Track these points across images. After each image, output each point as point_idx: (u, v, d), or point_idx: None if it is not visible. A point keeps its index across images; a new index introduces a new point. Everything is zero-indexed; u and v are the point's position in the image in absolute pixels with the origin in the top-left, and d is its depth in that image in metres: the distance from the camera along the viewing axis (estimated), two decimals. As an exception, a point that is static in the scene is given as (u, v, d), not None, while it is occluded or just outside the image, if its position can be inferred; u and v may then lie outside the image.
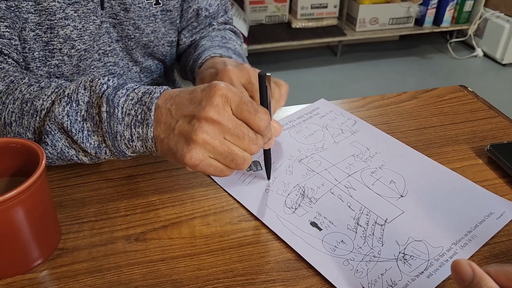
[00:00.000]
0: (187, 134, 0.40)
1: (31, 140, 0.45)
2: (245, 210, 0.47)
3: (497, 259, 0.42)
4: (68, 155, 0.46)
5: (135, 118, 0.42)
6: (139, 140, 0.43)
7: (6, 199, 0.35)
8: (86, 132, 0.44)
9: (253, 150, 0.42)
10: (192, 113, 0.40)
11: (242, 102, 0.41)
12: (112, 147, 0.44)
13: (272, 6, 2.46)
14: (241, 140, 0.41)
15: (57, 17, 0.57)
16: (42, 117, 0.45)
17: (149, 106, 0.42)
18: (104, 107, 0.42)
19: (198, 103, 0.40)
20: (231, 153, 0.41)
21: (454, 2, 2.62)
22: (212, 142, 0.40)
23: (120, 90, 0.44)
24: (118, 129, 0.43)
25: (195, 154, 0.40)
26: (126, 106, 0.43)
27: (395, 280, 0.39)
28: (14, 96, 0.47)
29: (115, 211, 0.47)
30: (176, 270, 0.41)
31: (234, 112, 0.41)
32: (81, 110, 0.44)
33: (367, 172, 0.52)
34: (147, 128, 0.42)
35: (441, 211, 0.47)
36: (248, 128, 0.41)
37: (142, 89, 0.44)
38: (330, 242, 0.43)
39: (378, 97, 0.69)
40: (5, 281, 0.40)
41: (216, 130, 0.40)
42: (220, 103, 0.40)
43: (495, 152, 0.54)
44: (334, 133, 0.59)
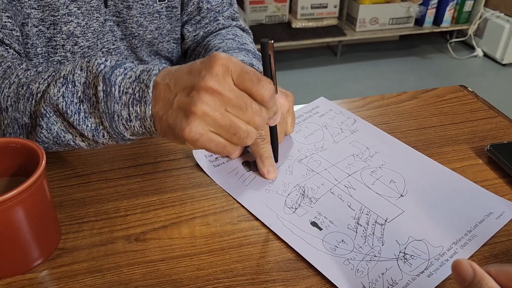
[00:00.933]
0: (186, 106, 0.37)
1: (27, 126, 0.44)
2: (245, 210, 0.47)
3: (497, 259, 0.42)
4: (65, 140, 0.44)
5: (132, 97, 0.40)
6: (137, 120, 0.41)
7: (6, 199, 0.35)
8: (82, 114, 0.42)
9: (257, 122, 0.39)
10: (191, 84, 0.38)
11: (244, 71, 0.38)
12: (110, 128, 0.42)
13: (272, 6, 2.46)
14: (243, 111, 0.38)
15: (61, 13, 0.57)
16: (37, 100, 0.43)
17: (147, 84, 0.40)
18: (101, 86, 0.41)
19: (197, 73, 0.38)
20: (233, 125, 0.38)
21: (454, 2, 2.62)
22: (212, 114, 0.37)
23: (117, 69, 0.42)
24: (116, 109, 0.41)
25: (195, 127, 0.37)
26: (124, 85, 0.41)
27: (395, 280, 0.39)
28: (10, 80, 0.45)
29: (115, 211, 0.47)
30: (176, 270, 0.41)
31: (235, 82, 0.38)
32: (78, 91, 0.42)
33: (367, 172, 0.52)
34: (145, 106, 0.40)
35: (441, 210, 0.47)
36: (251, 99, 0.38)
37: (140, 67, 0.42)
38: (331, 242, 0.43)
39: (378, 97, 0.69)
40: (5, 281, 0.40)
41: (216, 101, 0.37)
42: (220, 73, 0.37)
43: (495, 152, 0.54)
44: (334, 132, 0.59)
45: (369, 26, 2.55)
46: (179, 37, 0.74)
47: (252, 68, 0.40)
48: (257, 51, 0.67)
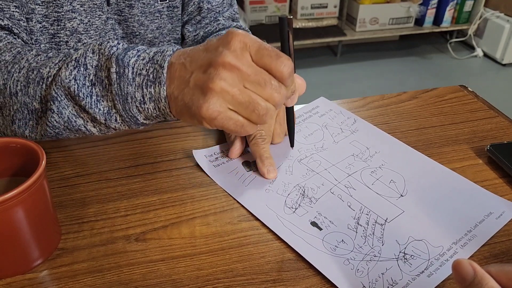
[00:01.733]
0: (203, 83, 0.36)
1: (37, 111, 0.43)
2: (245, 210, 0.47)
3: (497, 259, 0.42)
4: (76, 125, 0.43)
5: (146, 78, 0.39)
6: (151, 101, 0.40)
7: (6, 199, 0.35)
8: (95, 97, 0.41)
9: (277, 99, 0.38)
10: (208, 61, 0.37)
11: (262, 47, 0.37)
12: (123, 111, 0.41)
13: (272, 6, 2.46)
14: (262, 87, 0.37)
15: (64, 9, 0.57)
16: (48, 84, 0.42)
17: (161, 64, 0.39)
18: (114, 68, 0.40)
19: (214, 50, 0.37)
20: (252, 102, 0.37)
21: (454, 2, 2.62)
22: (231, 90, 0.36)
23: (130, 51, 0.41)
24: (129, 90, 0.40)
25: (213, 104, 0.36)
26: (137, 66, 0.40)
27: (395, 280, 0.39)
28: (20, 65, 0.45)
29: (115, 211, 0.47)
30: (176, 270, 0.41)
31: (254, 58, 0.37)
32: (90, 74, 0.41)
33: (367, 172, 0.52)
34: (159, 87, 0.39)
35: (441, 210, 0.47)
36: (269, 76, 0.37)
37: (154, 49, 0.41)
38: (331, 242, 0.43)
39: (378, 97, 0.69)
40: (5, 281, 0.40)
41: (235, 77, 0.36)
42: (238, 48, 0.36)
43: (495, 152, 0.54)
44: (334, 132, 0.59)
45: (369, 26, 2.55)
46: (180, 37, 0.74)
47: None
48: None
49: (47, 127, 0.44)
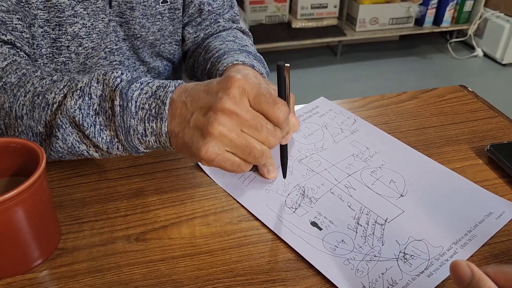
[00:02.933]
0: (203, 126, 0.38)
1: (41, 134, 0.44)
2: (245, 210, 0.47)
3: (497, 259, 0.42)
4: (79, 150, 0.44)
5: (149, 113, 0.41)
6: (153, 135, 0.42)
7: (6, 199, 0.35)
8: (98, 126, 0.43)
9: (272, 142, 0.40)
10: (208, 104, 0.39)
11: (260, 93, 0.39)
12: (125, 142, 0.43)
13: (272, 6, 2.46)
14: (259, 132, 0.39)
15: (66, 14, 0.57)
16: (53, 110, 0.44)
17: (163, 100, 0.41)
18: (118, 101, 0.41)
19: (214, 94, 0.39)
20: (248, 145, 0.39)
21: (454, 2, 2.62)
22: (229, 134, 0.38)
23: (134, 84, 0.42)
24: (132, 123, 0.42)
25: (211, 147, 0.38)
26: (140, 100, 0.41)
27: (395, 280, 0.39)
28: (25, 88, 0.46)
29: (115, 211, 0.47)
30: (176, 270, 0.41)
31: (252, 103, 0.39)
32: (94, 103, 0.43)
33: (367, 172, 0.52)
34: (161, 122, 0.41)
35: (441, 210, 0.47)
36: (266, 120, 0.39)
37: (157, 83, 0.43)
38: (331, 242, 0.43)
39: (378, 97, 0.69)
40: (5, 281, 0.40)
41: (233, 122, 0.38)
42: (237, 94, 0.38)
43: (495, 152, 0.54)
44: (334, 132, 0.59)
45: (369, 26, 2.55)
46: (180, 39, 0.74)
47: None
48: (258, 53, 0.67)
49: (51, 152, 0.45)
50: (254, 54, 0.66)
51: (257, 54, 0.67)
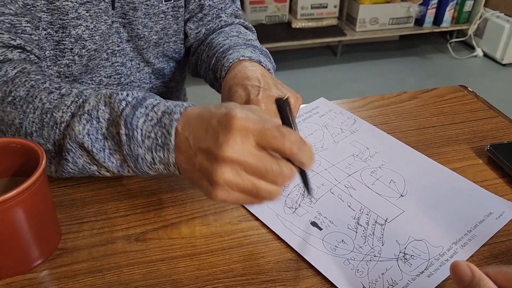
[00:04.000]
0: (208, 174, 0.38)
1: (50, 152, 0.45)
2: (245, 210, 0.47)
3: (497, 259, 0.42)
4: (90, 171, 0.45)
5: (155, 142, 0.41)
6: (161, 164, 0.42)
7: (6, 199, 0.35)
8: (107, 151, 0.43)
9: (280, 182, 0.38)
10: (208, 148, 0.37)
11: (265, 129, 0.37)
12: (135, 168, 0.43)
13: (272, 6, 2.46)
14: (264, 174, 0.37)
15: (69, 16, 0.57)
16: (61, 130, 0.44)
17: (168, 130, 0.40)
18: (123, 130, 0.41)
19: (215, 136, 0.37)
20: (255, 188, 0.38)
21: (454, 2, 2.62)
22: (234, 180, 0.37)
23: (138, 110, 0.42)
24: (139, 152, 0.41)
25: (220, 194, 0.38)
26: (146, 128, 0.41)
27: (395, 280, 0.39)
28: (34, 105, 0.46)
29: (115, 211, 0.47)
30: (176, 270, 0.41)
31: (258, 142, 0.37)
32: (102, 127, 0.43)
33: (367, 172, 0.52)
34: (168, 153, 0.40)
35: (441, 210, 0.47)
36: (271, 161, 0.37)
37: (162, 107, 0.42)
38: (331, 242, 0.43)
39: (378, 97, 0.69)
40: (5, 281, 0.40)
41: (237, 169, 0.37)
42: (239, 139, 0.36)
43: (495, 152, 0.54)
44: (334, 132, 0.59)
45: (369, 26, 2.55)
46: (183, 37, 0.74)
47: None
48: (263, 48, 0.66)
49: (62, 173, 0.46)
50: (260, 49, 0.65)
51: (263, 48, 0.66)
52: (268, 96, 0.53)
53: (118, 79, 0.69)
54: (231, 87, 0.55)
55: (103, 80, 0.67)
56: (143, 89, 0.73)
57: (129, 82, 0.70)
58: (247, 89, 0.53)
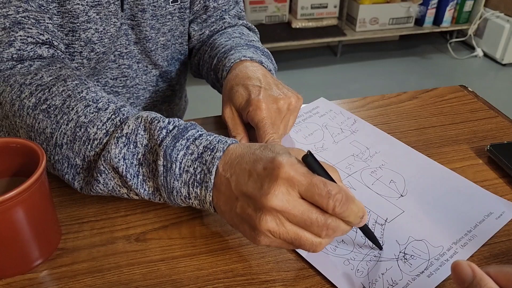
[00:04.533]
0: (251, 221, 0.37)
1: (77, 166, 0.44)
2: (245, 210, 0.47)
3: (497, 259, 0.42)
4: (119, 193, 0.44)
5: (193, 177, 0.40)
6: (196, 200, 0.41)
7: (6, 199, 0.35)
8: (141, 177, 0.42)
9: (324, 234, 0.37)
10: (252, 195, 0.36)
11: (312, 184, 0.36)
12: (167, 199, 0.42)
13: (272, 6, 2.46)
14: (308, 226, 0.36)
15: (80, 20, 0.57)
16: (93, 146, 0.43)
17: (209, 168, 0.39)
18: (161, 161, 0.40)
19: (259, 183, 0.36)
20: (298, 238, 0.37)
21: (454, 2, 2.62)
22: (277, 230, 0.36)
23: (179, 141, 0.41)
24: (175, 185, 0.40)
25: (263, 240, 0.37)
26: (185, 162, 0.40)
27: (395, 280, 0.39)
28: (69, 116, 0.45)
29: (115, 211, 0.47)
30: (176, 270, 0.41)
31: (303, 195, 0.36)
32: (138, 153, 0.42)
33: (367, 172, 0.52)
34: (206, 191, 0.40)
35: (441, 210, 0.47)
36: (316, 212, 0.36)
37: (204, 141, 0.41)
38: (331, 242, 0.43)
39: (378, 97, 0.69)
40: (5, 281, 0.40)
41: (280, 218, 0.36)
42: (284, 190, 0.35)
43: (495, 152, 0.54)
44: (334, 132, 0.59)
45: (369, 26, 2.55)
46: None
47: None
48: (265, 49, 0.66)
49: (91, 191, 0.45)
50: (261, 50, 0.65)
51: (265, 49, 0.66)
52: (269, 96, 0.53)
53: (124, 81, 0.68)
54: (232, 87, 0.55)
55: (109, 82, 0.67)
56: (148, 92, 0.72)
57: (135, 84, 0.70)
58: (248, 88, 0.53)
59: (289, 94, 0.54)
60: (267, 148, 0.39)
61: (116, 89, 0.68)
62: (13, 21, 0.50)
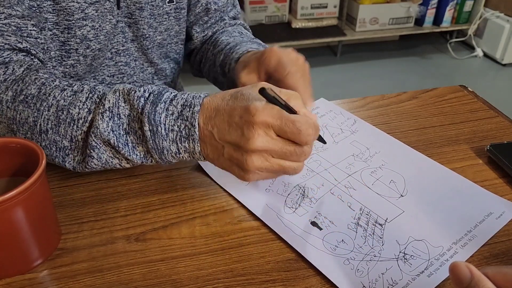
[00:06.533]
0: (239, 163, 0.42)
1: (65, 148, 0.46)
2: (245, 210, 0.47)
3: (497, 259, 0.42)
4: (112, 164, 0.47)
5: (179, 134, 0.44)
6: (186, 153, 0.45)
7: (6, 199, 0.35)
8: (130, 144, 0.45)
9: (302, 159, 0.44)
10: (236, 142, 0.42)
11: (284, 124, 0.41)
12: (159, 159, 0.46)
13: (272, 6, 2.46)
14: (288, 157, 0.43)
15: (75, 17, 0.57)
16: (79, 126, 0.46)
17: (192, 122, 0.43)
18: (147, 126, 0.43)
19: (240, 131, 0.41)
20: (282, 168, 0.43)
21: (454, 2, 2.62)
22: (263, 165, 0.42)
23: (158, 105, 0.44)
24: (164, 145, 0.44)
25: (252, 177, 0.43)
26: (168, 122, 0.44)
27: (395, 280, 0.39)
28: (48, 102, 0.47)
29: (115, 211, 0.47)
30: (176, 270, 0.41)
31: (278, 133, 0.42)
32: (123, 123, 0.45)
33: (367, 172, 0.52)
34: (193, 143, 0.44)
35: (441, 210, 0.47)
36: (293, 145, 0.42)
37: (180, 100, 0.44)
38: (331, 242, 0.43)
39: (378, 97, 0.69)
40: (5, 281, 0.40)
41: (264, 156, 0.42)
42: (262, 132, 0.41)
43: (495, 152, 0.54)
44: (334, 132, 0.59)
45: (369, 26, 2.55)
46: (185, 37, 0.75)
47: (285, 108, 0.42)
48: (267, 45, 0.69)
49: (85, 168, 0.47)
50: (263, 46, 0.68)
51: (266, 45, 0.69)
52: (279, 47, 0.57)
53: (121, 79, 0.69)
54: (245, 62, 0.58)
55: (106, 79, 0.67)
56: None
57: (132, 82, 0.71)
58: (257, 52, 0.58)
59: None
60: (238, 97, 0.43)
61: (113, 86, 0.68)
62: None
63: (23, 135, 0.47)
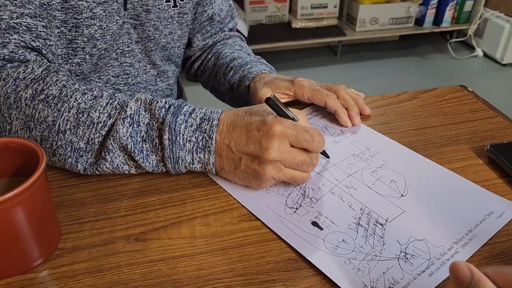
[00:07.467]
0: (256, 173, 0.47)
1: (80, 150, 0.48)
2: (245, 210, 0.47)
3: (497, 259, 0.42)
4: (121, 170, 0.49)
5: (196, 145, 0.47)
6: (200, 163, 0.48)
7: (6, 199, 0.35)
8: (145, 152, 0.48)
9: (310, 170, 0.49)
10: (254, 153, 0.46)
11: (298, 134, 0.46)
12: (172, 169, 0.49)
13: (272, 6, 2.46)
14: (299, 166, 0.47)
15: (84, 16, 0.58)
16: (98, 129, 0.48)
17: (210, 135, 0.47)
18: (167, 135, 0.46)
19: (258, 143, 0.46)
20: (292, 177, 0.48)
21: (454, 2, 2.62)
22: (277, 175, 0.47)
23: (179, 117, 0.47)
24: (180, 154, 0.47)
25: (266, 184, 0.48)
26: (187, 133, 0.47)
27: (396, 279, 0.39)
28: (69, 104, 0.48)
29: (115, 211, 0.47)
30: (176, 270, 0.41)
31: (292, 144, 0.46)
32: (141, 131, 0.47)
33: (368, 172, 0.52)
34: (209, 154, 0.47)
35: (441, 210, 0.47)
36: (304, 155, 0.47)
37: (199, 113, 0.48)
38: (332, 242, 0.43)
39: (378, 97, 0.69)
40: (5, 281, 0.40)
41: (278, 165, 0.46)
42: (279, 143, 0.45)
43: (495, 152, 0.54)
44: (334, 133, 0.59)
45: (369, 26, 2.55)
46: (186, 42, 0.76)
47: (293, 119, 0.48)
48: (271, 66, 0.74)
49: (96, 171, 0.49)
50: (270, 67, 0.73)
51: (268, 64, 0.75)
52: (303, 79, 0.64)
53: (126, 79, 0.70)
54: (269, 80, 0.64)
55: (111, 79, 0.68)
56: (149, 91, 0.75)
57: (136, 83, 0.72)
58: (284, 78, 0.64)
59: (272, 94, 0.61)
60: (252, 113, 0.48)
61: (118, 86, 0.69)
62: (7, 25, 0.51)
63: (40, 133, 0.48)
